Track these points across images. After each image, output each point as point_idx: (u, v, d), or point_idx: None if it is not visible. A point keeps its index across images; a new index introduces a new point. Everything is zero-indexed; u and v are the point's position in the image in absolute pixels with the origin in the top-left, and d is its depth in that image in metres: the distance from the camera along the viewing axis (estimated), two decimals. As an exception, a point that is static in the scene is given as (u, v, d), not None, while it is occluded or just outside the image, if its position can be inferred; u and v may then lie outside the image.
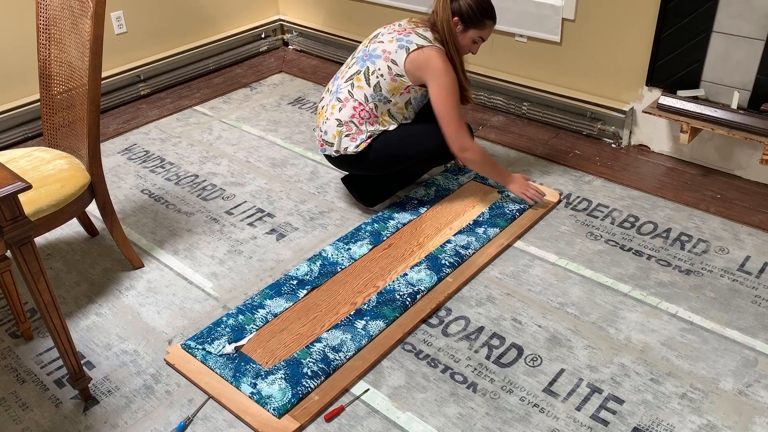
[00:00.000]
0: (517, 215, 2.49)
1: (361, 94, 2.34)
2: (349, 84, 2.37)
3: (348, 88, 2.37)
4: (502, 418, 1.76)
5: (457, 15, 2.28)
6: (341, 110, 2.37)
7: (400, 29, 2.36)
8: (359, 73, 2.36)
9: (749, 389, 1.81)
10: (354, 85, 2.36)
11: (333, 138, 2.39)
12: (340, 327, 2.02)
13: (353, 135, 2.36)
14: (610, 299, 2.14)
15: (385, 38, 2.35)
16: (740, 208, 2.53)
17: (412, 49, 2.27)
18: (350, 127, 2.36)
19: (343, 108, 2.37)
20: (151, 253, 2.43)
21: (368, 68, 2.34)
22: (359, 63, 2.38)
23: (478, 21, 2.30)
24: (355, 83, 2.35)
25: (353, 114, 2.35)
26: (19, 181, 1.48)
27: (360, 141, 2.36)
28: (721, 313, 2.06)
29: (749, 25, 2.45)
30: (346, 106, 2.36)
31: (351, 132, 2.36)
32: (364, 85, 2.33)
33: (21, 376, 1.95)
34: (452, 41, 2.31)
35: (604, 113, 2.97)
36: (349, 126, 2.36)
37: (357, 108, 2.34)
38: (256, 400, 1.80)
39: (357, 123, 2.35)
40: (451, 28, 2.29)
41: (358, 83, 2.35)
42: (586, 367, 1.90)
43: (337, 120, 2.38)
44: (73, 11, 2.05)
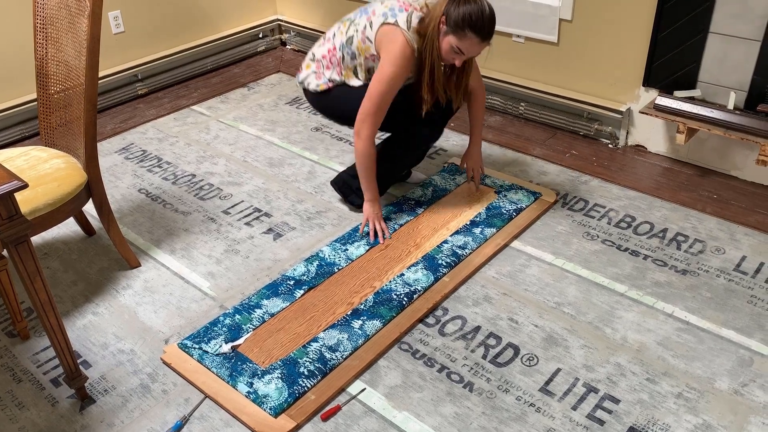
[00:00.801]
0: (513, 215, 2.50)
1: (338, 41, 2.34)
2: (337, 26, 2.39)
3: (335, 29, 2.39)
4: (499, 417, 1.76)
5: (445, 15, 2.13)
6: (320, 47, 2.41)
7: (403, 2, 2.23)
8: (348, 20, 2.35)
9: (745, 389, 1.82)
10: (339, 29, 2.36)
11: (305, 68, 2.45)
12: (337, 327, 2.02)
13: (318, 74, 2.40)
14: (606, 299, 2.14)
15: (387, 1, 2.26)
16: (736, 209, 2.53)
17: (388, 22, 2.19)
18: (319, 65, 2.39)
19: (322, 45, 2.41)
20: (148, 253, 2.43)
21: (354, 19, 2.32)
22: (357, 12, 2.36)
23: (459, 28, 2.10)
24: (341, 27, 2.36)
25: (325, 55, 2.38)
26: (15, 180, 1.48)
27: (321, 82, 2.39)
28: (717, 312, 2.07)
29: (745, 26, 2.45)
30: (324, 45, 2.40)
31: (318, 70, 2.40)
32: (344, 32, 2.33)
33: (17, 376, 1.95)
34: (431, 40, 2.16)
35: (601, 114, 2.97)
36: (318, 64, 2.40)
37: (330, 51, 2.36)
38: (253, 399, 1.80)
39: (324, 65, 2.38)
40: (435, 25, 2.14)
41: (342, 29, 2.35)
42: (582, 366, 1.91)
43: (312, 53, 2.43)
44: (70, 10, 2.04)
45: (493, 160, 2.91)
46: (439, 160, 2.93)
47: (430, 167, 2.88)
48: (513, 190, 2.63)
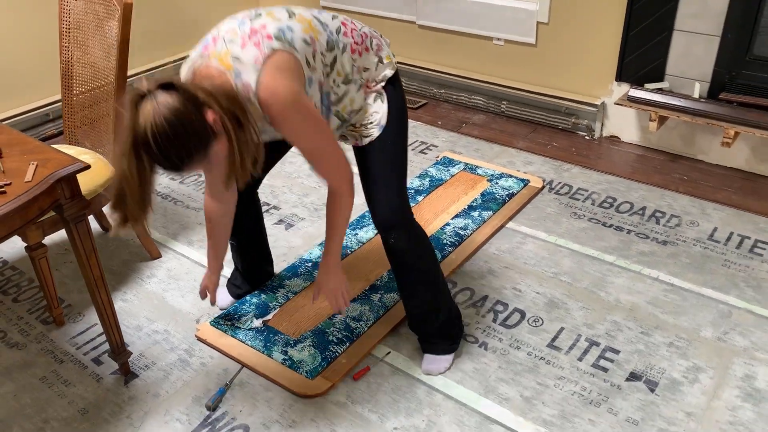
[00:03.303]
0: (507, 200, 2.71)
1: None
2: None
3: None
4: (514, 370, 1.95)
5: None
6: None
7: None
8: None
9: (726, 336, 2.05)
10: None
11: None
12: (358, 300, 2.19)
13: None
14: (598, 268, 2.36)
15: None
16: (705, 188, 2.80)
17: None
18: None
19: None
20: (166, 245, 2.56)
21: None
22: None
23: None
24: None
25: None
26: (78, 162, 1.62)
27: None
28: (696, 275, 2.31)
29: (706, 24, 2.74)
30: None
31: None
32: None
33: (59, 357, 2.05)
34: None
35: (577, 108, 3.23)
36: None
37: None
38: (289, 365, 1.95)
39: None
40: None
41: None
42: (583, 324, 2.11)
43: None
44: (97, 15, 2.19)
45: (481, 154, 3.13)
46: (431, 155, 3.13)
47: (424, 161, 3.08)
48: (503, 178, 2.85)
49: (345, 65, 1.64)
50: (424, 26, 3.60)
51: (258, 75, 1.43)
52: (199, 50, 1.52)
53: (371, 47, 1.72)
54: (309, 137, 1.55)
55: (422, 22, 3.57)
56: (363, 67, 1.70)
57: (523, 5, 3.19)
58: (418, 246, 1.86)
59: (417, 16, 3.58)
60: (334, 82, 1.64)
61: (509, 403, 1.85)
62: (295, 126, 1.51)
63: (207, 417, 1.84)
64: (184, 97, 1.33)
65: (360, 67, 1.69)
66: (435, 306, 1.93)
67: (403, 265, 1.87)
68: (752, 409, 1.81)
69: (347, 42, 1.65)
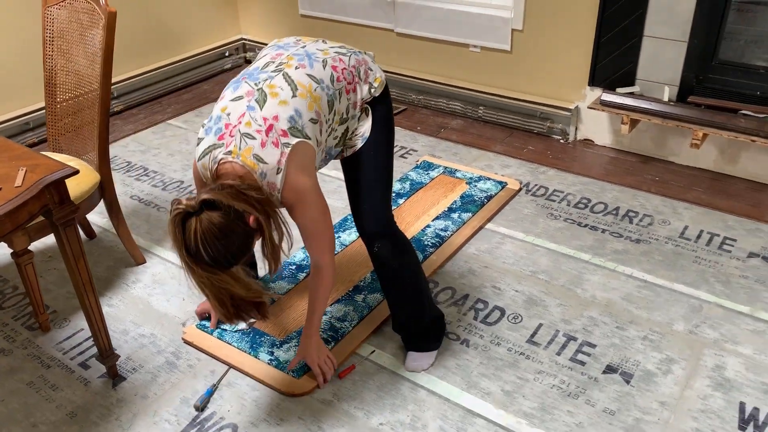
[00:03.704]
0: (485, 201, 2.78)
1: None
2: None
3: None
4: (495, 365, 2.01)
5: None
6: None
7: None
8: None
9: (697, 329, 2.13)
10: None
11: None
12: (342, 301, 2.23)
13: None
14: (574, 266, 2.44)
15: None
16: (676, 188, 2.90)
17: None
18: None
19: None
20: (150, 251, 2.58)
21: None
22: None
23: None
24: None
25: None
26: (67, 167, 1.65)
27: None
28: (668, 271, 2.39)
29: (673, 30, 2.84)
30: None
31: None
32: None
33: (45, 362, 2.07)
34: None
35: (552, 113, 3.31)
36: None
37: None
38: (275, 365, 1.99)
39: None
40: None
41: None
42: (560, 320, 2.18)
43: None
44: (81, 23, 2.22)
45: (460, 158, 3.20)
46: (411, 159, 3.20)
47: (404, 166, 3.14)
48: (482, 181, 2.92)
49: (341, 110, 1.75)
50: (402, 34, 3.67)
51: (283, 177, 1.59)
52: (213, 137, 1.61)
53: (361, 78, 1.80)
54: (312, 220, 1.71)
55: (400, 29, 3.65)
56: (357, 100, 1.79)
57: (498, 13, 3.28)
58: (402, 253, 1.93)
59: (395, 24, 3.65)
60: (335, 131, 1.76)
61: (491, 397, 1.91)
62: (307, 212, 1.69)
63: (195, 417, 1.87)
64: (227, 212, 1.49)
65: (354, 102, 1.78)
66: (419, 309, 1.99)
67: (388, 271, 1.93)
68: (722, 398, 1.88)
69: (341, 87, 1.74)
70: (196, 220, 1.48)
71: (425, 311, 2.00)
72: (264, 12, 4.21)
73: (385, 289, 1.99)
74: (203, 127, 1.65)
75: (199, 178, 1.69)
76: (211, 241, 1.48)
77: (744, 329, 2.12)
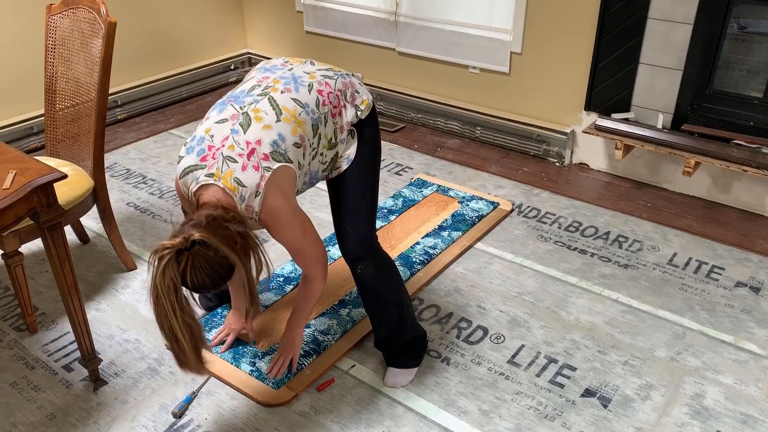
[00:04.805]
0: (476, 221, 2.80)
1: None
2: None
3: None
4: (474, 384, 2.02)
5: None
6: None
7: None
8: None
9: (679, 356, 2.13)
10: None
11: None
12: (327, 314, 2.25)
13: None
14: (560, 288, 2.44)
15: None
16: (667, 214, 2.91)
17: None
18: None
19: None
20: (142, 257, 2.61)
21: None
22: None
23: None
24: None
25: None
26: (55, 172, 1.68)
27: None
28: (654, 297, 2.40)
29: (669, 58, 2.87)
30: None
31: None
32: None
33: (30, 363, 2.09)
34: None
35: (548, 135, 3.34)
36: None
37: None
38: (256, 376, 2.00)
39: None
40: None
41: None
42: (542, 342, 2.19)
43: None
44: (83, 32, 2.27)
45: (455, 177, 3.22)
46: (405, 177, 3.22)
47: (399, 183, 3.16)
48: (474, 200, 2.94)
49: (328, 134, 1.76)
50: (403, 53, 3.71)
51: (260, 200, 1.60)
52: (195, 157, 1.62)
53: (347, 101, 1.81)
54: (294, 240, 1.73)
55: (402, 49, 3.69)
56: (345, 124, 1.80)
57: (498, 36, 3.32)
58: (385, 274, 1.95)
59: (397, 43, 3.69)
60: (322, 156, 1.78)
61: (467, 416, 1.91)
62: (284, 232, 1.71)
63: (173, 424, 1.88)
64: (216, 249, 1.49)
65: (341, 126, 1.80)
66: (401, 328, 2.00)
67: (370, 292, 1.95)
68: (699, 426, 1.88)
69: (326, 111, 1.75)
70: (188, 255, 1.48)
71: (407, 330, 2.01)
72: (270, 27, 4.27)
73: (368, 308, 2.00)
74: (185, 145, 1.67)
75: (182, 194, 1.71)
76: (201, 279, 1.50)
77: (726, 358, 2.12)
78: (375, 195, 1.91)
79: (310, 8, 3.97)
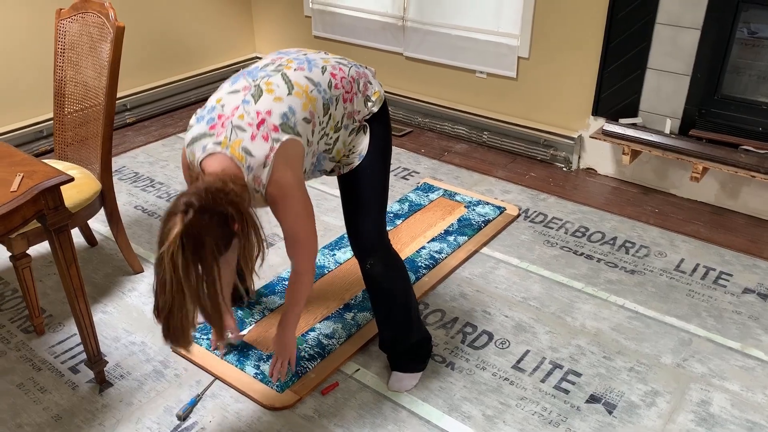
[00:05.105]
0: (482, 226, 2.79)
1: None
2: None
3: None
4: (478, 389, 2.02)
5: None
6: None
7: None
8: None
9: (685, 363, 2.12)
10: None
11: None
12: (332, 318, 2.25)
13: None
14: (566, 294, 2.44)
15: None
16: (675, 220, 2.89)
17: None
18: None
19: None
20: (149, 260, 2.62)
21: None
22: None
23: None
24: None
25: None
26: (63, 174, 1.70)
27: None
28: (661, 303, 2.38)
29: (677, 63, 2.86)
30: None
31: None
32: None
33: (37, 365, 2.11)
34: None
35: (556, 140, 3.33)
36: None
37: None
38: (260, 379, 2.01)
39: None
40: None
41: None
42: (548, 348, 2.18)
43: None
44: (91, 37, 2.29)
45: (461, 181, 3.22)
46: (412, 181, 3.23)
47: (405, 187, 3.17)
48: (480, 205, 2.94)
49: (336, 116, 1.75)
50: (411, 58, 3.72)
51: (269, 171, 1.58)
52: (205, 126, 1.62)
53: (359, 90, 1.81)
54: (296, 216, 1.69)
55: (409, 53, 3.70)
56: (354, 111, 1.80)
57: (505, 41, 3.32)
58: (394, 272, 1.95)
59: (404, 48, 3.70)
60: (327, 136, 1.76)
61: (471, 421, 1.91)
62: (288, 210, 1.67)
63: (177, 426, 1.89)
64: (217, 215, 1.48)
65: (350, 112, 1.79)
66: (406, 329, 2.00)
67: (378, 289, 1.95)
68: (705, 433, 1.87)
69: (338, 94, 1.75)
70: (187, 216, 1.44)
71: (412, 331, 2.01)
72: (278, 32, 4.29)
73: (375, 306, 2.00)
74: (195, 115, 1.67)
75: (186, 165, 1.70)
76: (195, 238, 1.44)
77: (733, 365, 2.11)
78: (386, 191, 1.91)
79: (318, 13, 3.98)
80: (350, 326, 2.22)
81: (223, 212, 1.49)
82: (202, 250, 1.46)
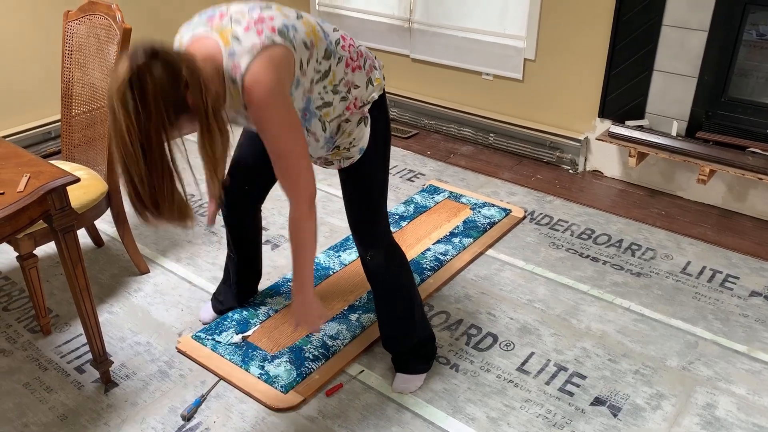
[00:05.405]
0: (488, 228, 2.79)
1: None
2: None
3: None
4: (482, 391, 2.01)
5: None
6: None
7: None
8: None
9: (691, 366, 2.11)
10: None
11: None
12: (336, 319, 2.25)
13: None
14: (571, 296, 2.43)
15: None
16: (682, 223, 2.88)
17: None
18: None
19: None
20: (155, 261, 2.63)
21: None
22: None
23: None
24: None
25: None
26: (69, 175, 1.71)
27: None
28: (667, 306, 2.37)
29: (684, 65, 2.85)
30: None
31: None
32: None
33: (43, 365, 2.12)
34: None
35: (562, 142, 3.32)
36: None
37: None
38: (264, 380, 2.01)
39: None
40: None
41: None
42: (552, 350, 2.17)
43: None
44: (99, 38, 2.30)
45: (467, 183, 3.22)
46: (418, 183, 3.23)
47: (411, 189, 3.17)
48: (486, 207, 2.94)
49: (337, 75, 1.69)
50: (417, 60, 3.72)
51: (251, 60, 1.45)
52: (203, 19, 1.56)
53: (364, 67, 1.76)
54: (280, 133, 1.52)
55: (416, 55, 3.70)
56: (353, 83, 1.73)
57: (512, 42, 3.32)
58: (395, 265, 1.94)
59: (411, 50, 3.71)
60: (324, 89, 1.67)
61: (475, 423, 1.90)
62: (269, 117, 1.50)
63: (182, 426, 1.89)
64: (170, 71, 1.34)
65: (350, 81, 1.73)
66: (410, 325, 2.00)
67: (380, 283, 1.95)
68: (711, 437, 1.86)
69: (344, 55, 1.69)
70: (137, 61, 1.31)
71: (416, 328, 2.01)
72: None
73: (376, 301, 2.00)
74: (199, 14, 1.61)
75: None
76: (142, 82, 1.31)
77: (739, 368, 2.10)
78: (386, 185, 1.91)
79: (324, 15, 3.99)
80: (355, 327, 2.22)
81: (177, 69, 1.34)
82: (147, 96, 1.32)
